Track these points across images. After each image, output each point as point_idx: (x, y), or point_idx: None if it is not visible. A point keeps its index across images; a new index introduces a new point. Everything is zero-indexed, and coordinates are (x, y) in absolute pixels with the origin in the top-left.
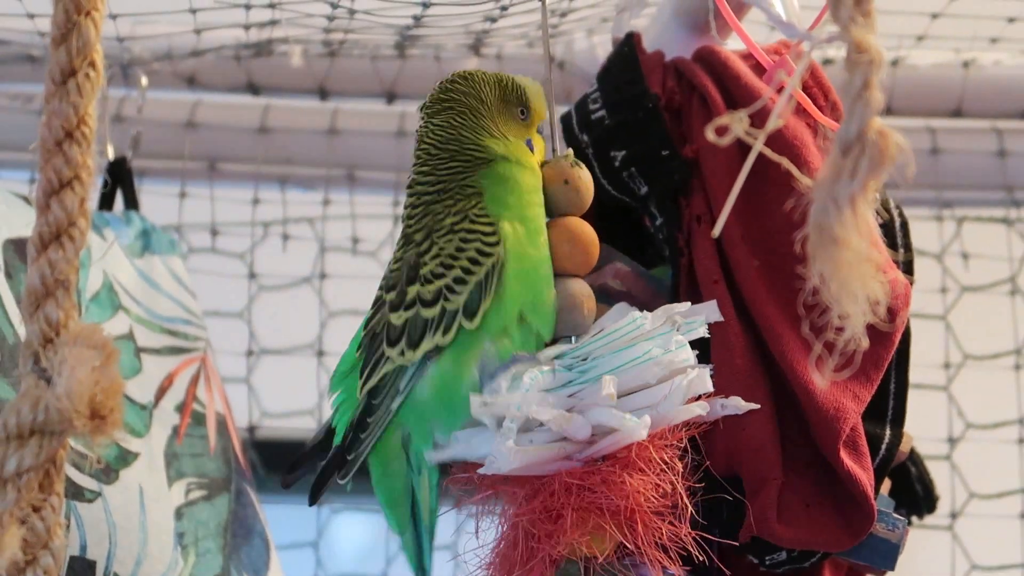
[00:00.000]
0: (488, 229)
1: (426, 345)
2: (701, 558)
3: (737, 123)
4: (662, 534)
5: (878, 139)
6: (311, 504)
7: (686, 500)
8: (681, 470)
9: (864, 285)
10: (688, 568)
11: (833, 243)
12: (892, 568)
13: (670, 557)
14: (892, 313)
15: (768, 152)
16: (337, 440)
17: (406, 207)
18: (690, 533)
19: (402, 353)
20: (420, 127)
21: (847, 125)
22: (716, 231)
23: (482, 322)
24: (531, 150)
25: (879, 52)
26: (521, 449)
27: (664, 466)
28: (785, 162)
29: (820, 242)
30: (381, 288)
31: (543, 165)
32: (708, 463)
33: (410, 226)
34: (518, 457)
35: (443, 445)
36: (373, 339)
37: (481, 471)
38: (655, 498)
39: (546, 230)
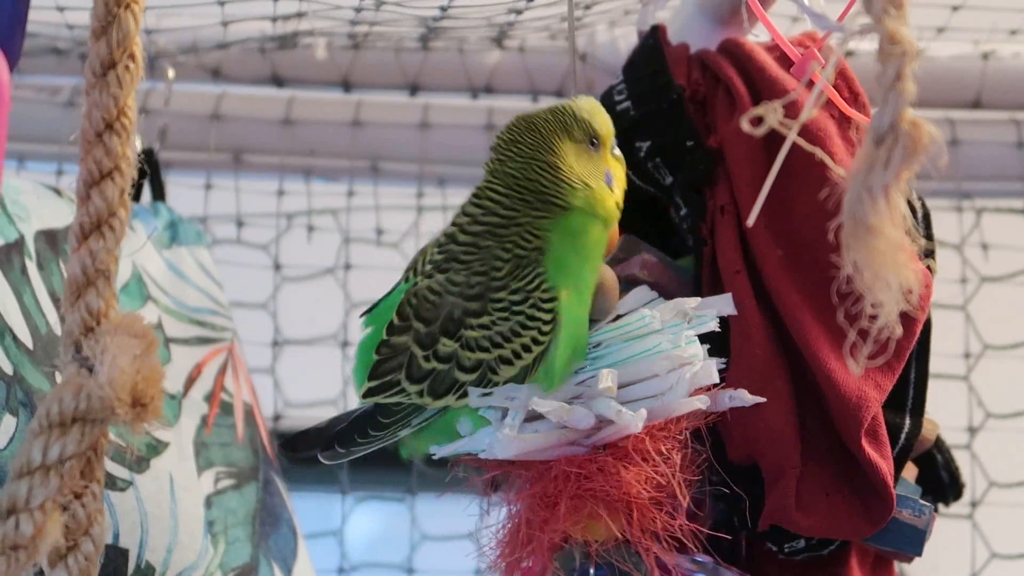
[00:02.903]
0: (547, 316)
1: (451, 401)
2: (725, 543)
3: (771, 114)
4: (657, 524)
5: (911, 129)
6: (283, 454)
7: (683, 492)
8: (679, 462)
9: (897, 273)
10: (711, 556)
11: (867, 232)
12: (919, 553)
13: (665, 546)
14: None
15: (802, 142)
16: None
17: (460, 224)
18: (686, 525)
19: (421, 394)
20: (493, 165)
21: (880, 116)
22: (750, 221)
23: None
24: (609, 183)
25: (912, 43)
26: (520, 437)
27: (662, 458)
28: (819, 152)
29: (854, 231)
30: (408, 290)
31: None
32: (727, 451)
33: (458, 245)
34: (517, 445)
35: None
36: (392, 355)
37: (481, 456)
38: (650, 489)
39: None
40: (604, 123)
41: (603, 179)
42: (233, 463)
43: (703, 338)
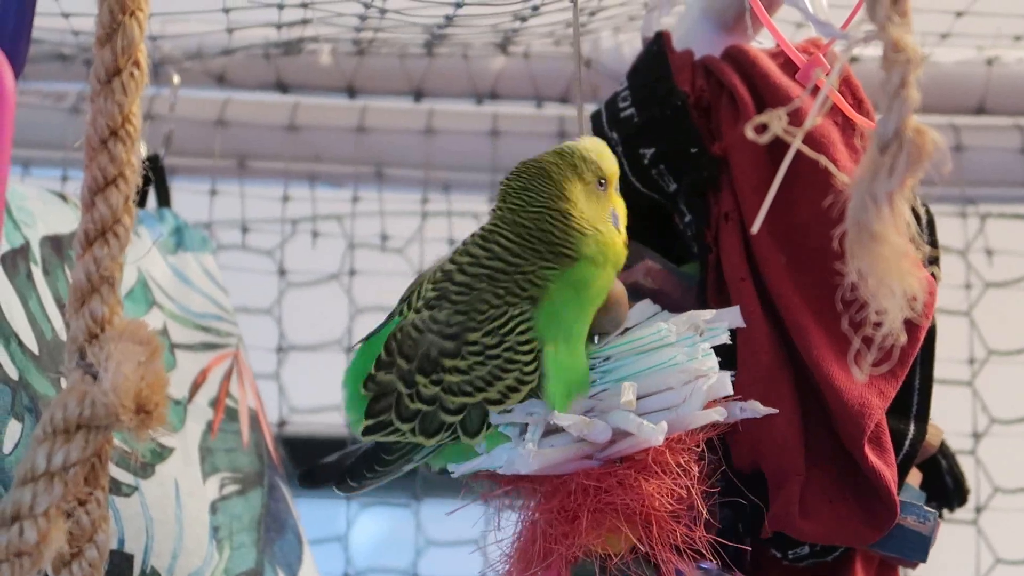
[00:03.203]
0: (526, 359)
1: (444, 438)
2: (731, 550)
3: (776, 121)
4: (677, 537)
5: (915, 136)
6: (303, 485)
7: (702, 504)
8: (697, 474)
9: (902, 280)
10: (718, 561)
11: (871, 239)
12: (924, 560)
13: (684, 559)
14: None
15: (806, 149)
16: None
17: (459, 263)
18: (705, 536)
19: (414, 433)
20: (502, 212)
21: (885, 123)
22: (755, 228)
23: None
24: (616, 224)
25: (916, 51)
26: (541, 452)
27: (680, 470)
28: (823, 159)
29: (858, 238)
30: (396, 325)
31: None
32: (732, 458)
33: (453, 284)
34: (537, 460)
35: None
36: (381, 393)
37: (501, 472)
38: (670, 501)
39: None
40: (611, 163)
41: (611, 220)
42: (238, 469)
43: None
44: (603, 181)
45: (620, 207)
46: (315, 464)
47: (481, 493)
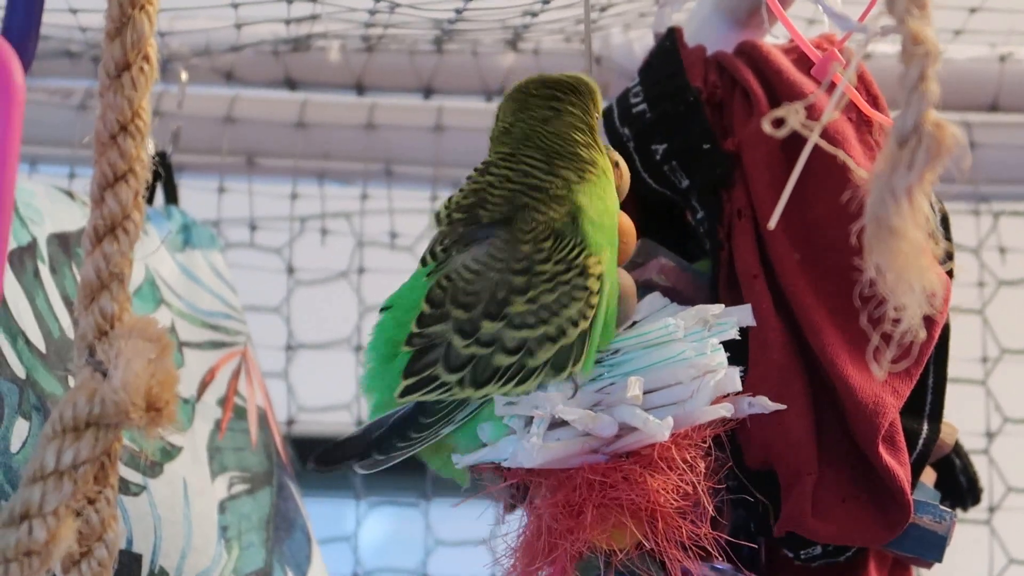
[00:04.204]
0: (595, 285)
1: (493, 390)
2: (744, 550)
3: (793, 115)
4: (682, 533)
5: (935, 131)
6: (306, 465)
7: (708, 500)
8: (704, 470)
9: (920, 276)
10: (731, 563)
11: (890, 235)
12: (940, 560)
13: (690, 556)
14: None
15: (825, 144)
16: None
17: (482, 181)
18: (711, 533)
19: (461, 385)
20: (523, 123)
21: (904, 117)
22: (771, 224)
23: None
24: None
25: (935, 44)
26: (546, 445)
27: (687, 466)
28: (841, 154)
29: (877, 234)
30: (438, 273)
31: None
32: (744, 456)
33: (488, 195)
34: (542, 454)
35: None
36: (428, 347)
37: (505, 465)
38: (676, 497)
39: None
40: (600, 95)
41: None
42: (247, 468)
43: (722, 343)
44: (598, 114)
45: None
46: (330, 444)
47: (487, 486)
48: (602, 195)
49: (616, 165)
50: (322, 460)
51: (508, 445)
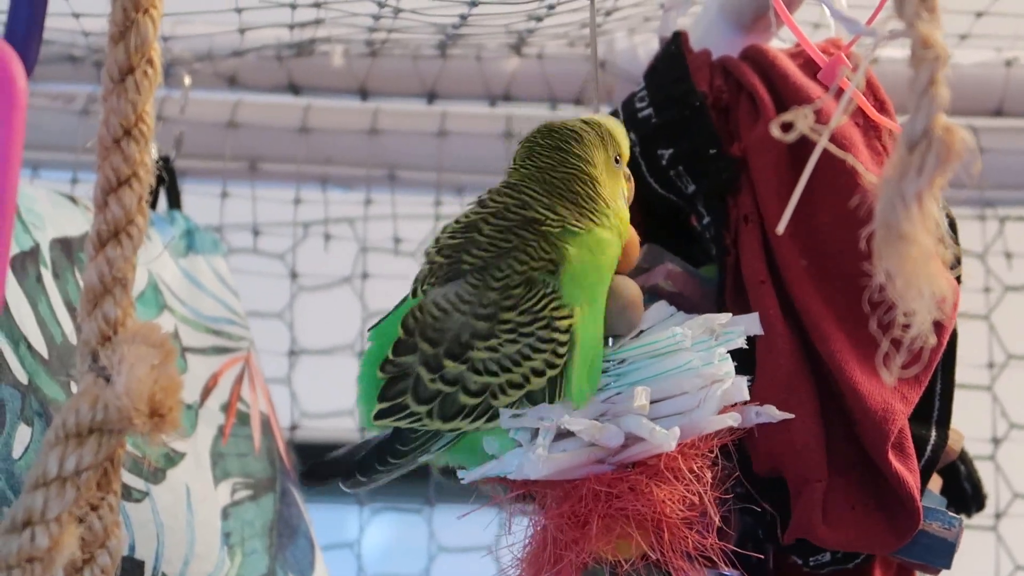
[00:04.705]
0: (563, 337)
1: (461, 425)
2: (753, 557)
3: (801, 120)
4: (688, 544)
5: (944, 135)
6: (305, 483)
7: (715, 510)
8: (710, 480)
9: (930, 281)
10: (739, 570)
11: (900, 240)
12: (948, 566)
13: (696, 566)
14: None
15: (833, 148)
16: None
17: (482, 214)
18: (717, 544)
19: (430, 416)
20: (526, 169)
21: (913, 122)
22: (780, 229)
23: None
24: (624, 200)
25: (945, 48)
26: (551, 456)
27: (693, 476)
28: (850, 159)
29: (887, 239)
30: (414, 304)
31: None
32: (752, 463)
33: (481, 235)
34: (548, 465)
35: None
36: (399, 375)
37: (511, 476)
38: (682, 508)
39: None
40: (625, 141)
41: (621, 197)
42: (250, 474)
43: (729, 351)
44: (619, 158)
45: (628, 187)
46: (318, 460)
47: (493, 496)
48: (595, 248)
49: (628, 179)
50: (310, 476)
51: (514, 458)
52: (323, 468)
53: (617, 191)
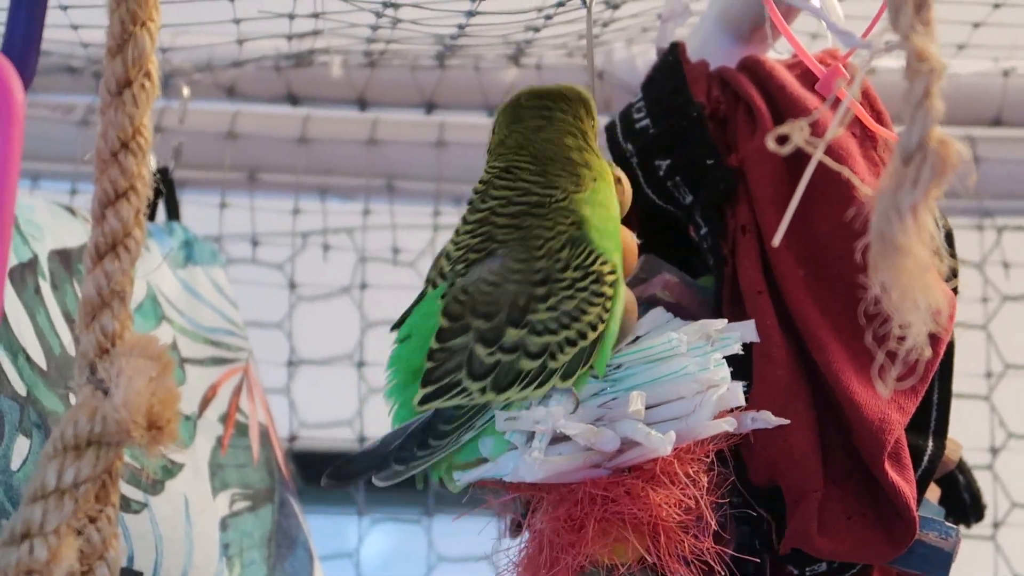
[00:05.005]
0: (610, 291)
1: (513, 394)
2: (749, 566)
3: (797, 132)
4: (685, 548)
5: (939, 148)
6: (320, 482)
7: (711, 515)
8: (706, 485)
9: (926, 293)
10: None
11: (895, 252)
12: None
13: (692, 571)
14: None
15: (829, 161)
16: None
17: (489, 207)
18: (713, 548)
19: (483, 391)
20: (517, 135)
21: (908, 134)
22: (776, 241)
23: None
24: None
25: (940, 61)
26: (547, 460)
27: (689, 480)
28: (845, 171)
29: (882, 251)
30: (450, 290)
31: None
32: (749, 473)
33: (496, 228)
34: (544, 468)
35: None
36: (449, 357)
37: (507, 480)
38: (678, 512)
39: None
40: (593, 103)
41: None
42: (249, 485)
43: (726, 359)
44: (594, 124)
45: (622, 189)
46: (342, 460)
47: (489, 499)
48: (602, 201)
49: (619, 181)
50: (335, 476)
51: (510, 460)
52: (349, 466)
53: (595, 140)
